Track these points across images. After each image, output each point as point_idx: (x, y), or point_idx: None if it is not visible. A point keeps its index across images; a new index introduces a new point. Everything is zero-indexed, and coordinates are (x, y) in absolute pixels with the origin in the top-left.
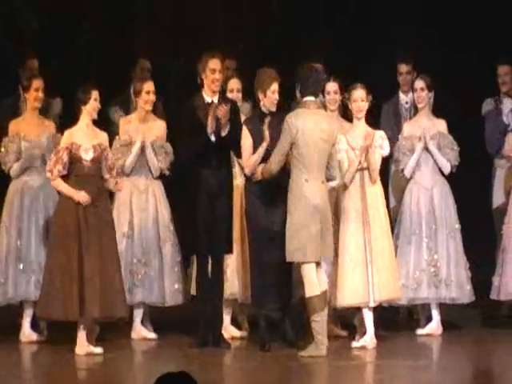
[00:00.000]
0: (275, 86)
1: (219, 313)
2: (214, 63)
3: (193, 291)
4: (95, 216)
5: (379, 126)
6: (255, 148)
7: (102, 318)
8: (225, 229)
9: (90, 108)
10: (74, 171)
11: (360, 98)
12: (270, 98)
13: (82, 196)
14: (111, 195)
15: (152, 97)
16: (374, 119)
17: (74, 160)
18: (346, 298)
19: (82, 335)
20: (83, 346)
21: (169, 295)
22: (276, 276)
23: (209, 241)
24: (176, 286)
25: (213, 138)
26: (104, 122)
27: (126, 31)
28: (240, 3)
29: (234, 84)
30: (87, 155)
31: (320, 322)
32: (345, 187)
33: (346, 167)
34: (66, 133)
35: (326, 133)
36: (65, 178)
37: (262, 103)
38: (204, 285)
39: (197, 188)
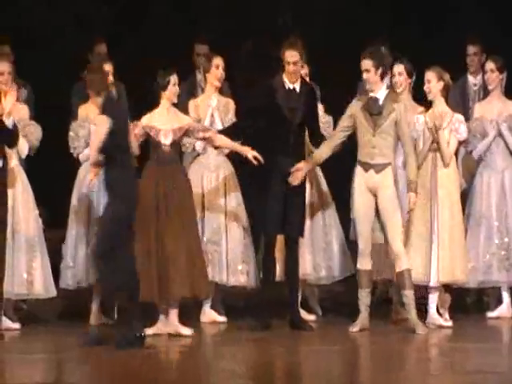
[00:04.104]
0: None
1: (295, 295)
2: (290, 55)
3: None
4: (175, 198)
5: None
6: None
7: (189, 298)
8: (298, 212)
9: (170, 93)
10: (153, 156)
11: (427, 80)
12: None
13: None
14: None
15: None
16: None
17: (153, 144)
18: None
19: (173, 316)
20: (174, 325)
21: (231, 275)
22: None
23: (283, 224)
24: (240, 267)
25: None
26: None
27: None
28: None
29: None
30: (166, 139)
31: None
32: (418, 167)
33: (421, 147)
34: (145, 117)
35: None
36: (145, 161)
37: None
38: (269, 267)
39: (271, 172)
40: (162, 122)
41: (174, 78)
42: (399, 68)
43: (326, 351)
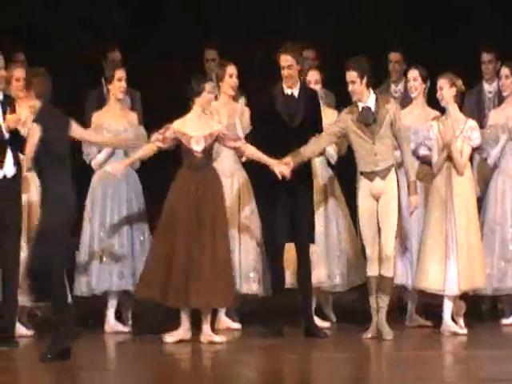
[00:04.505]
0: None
1: (309, 302)
2: (284, 60)
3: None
4: (207, 206)
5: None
6: None
7: (205, 307)
8: (306, 219)
9: (203, 100)
10: (186, 162)
11: (439, 87)
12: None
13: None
14: None
15: None
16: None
17: (185, 151)
18: (423, 281)
19: (205, 325)
20: (207, 334)
21: (243, 283)
22: None
23: (292, 232)
24: (252, 274)
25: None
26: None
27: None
28: None
29: (312, 76)
30: (198, 146)
31: None
32: (433, 175)
33: (436, 158)
34: (177, 122)
35: None
36: (178, 167)
37: None
38: (278, 275)
39: (275, 179)
40: (193, 128)
41: (208, 86)
42: (414, 73)
43: (339, 358)
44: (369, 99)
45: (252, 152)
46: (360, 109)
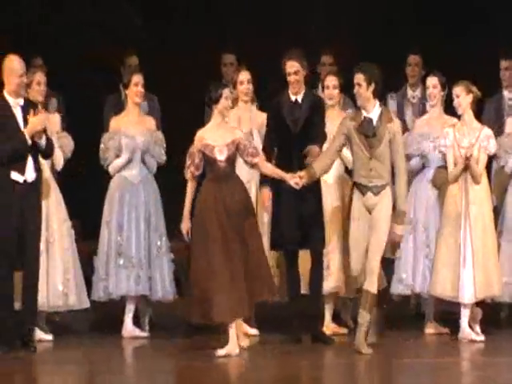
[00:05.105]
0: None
1: (319, 308)
2: (290, 66)
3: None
4: (236, 215)
5: (481, 122)
6: None
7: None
8: (316, 224)
9: (222, 106)
10: (210, 172)
11: (456, 95)
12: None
13: None
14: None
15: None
16: (476, 116)
17: (209, 161)
18: (437, 288)
19: (233, 335)
20: (234, 345)
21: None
22: None
23: (303, 238)
24: None
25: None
26: None
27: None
28: None
29: (330, 81)
30: (222, 155)
31: None
32: (449, 183)
33: (452, 167)
34: (198, 134)
35: None
36: (202, 177)
37: None
38: (293, 282)
39: (280, 185)
40: (215, 138)
41: (226, 92)
42: (433, 80)
43: (354, 365)
44: (373, 110)
45: (267, 171)
46: (362, 118)
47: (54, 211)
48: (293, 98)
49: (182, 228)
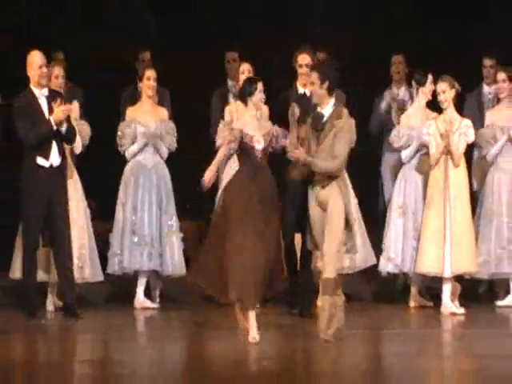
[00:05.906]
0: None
1: (308, 285)
2: (302, 58)
3: None
4: (267, 203)
5: (462, 114)
6: None
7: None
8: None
9: (256, 99)
10: (247, 160)
11: (441, 91)
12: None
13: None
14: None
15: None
16: (456, 109)
17: (247, 150)
18: (423, 266)
19: (253, 321)
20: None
21: None
22: None
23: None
24: None
25: None
26: None
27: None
28: None
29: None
30: (260, 145)
31: None
32: (431, 168)
33: (434, 151)
34: (239, 121)
35: None
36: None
37: None
38: (291, 262)
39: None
40: (253, 128)
41: (260, 85)
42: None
43: (347, 336)
44: (327, 107)
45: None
46: (315, 113)
47: (72, 191)
48: (301, 90)
49: (203, 180)
